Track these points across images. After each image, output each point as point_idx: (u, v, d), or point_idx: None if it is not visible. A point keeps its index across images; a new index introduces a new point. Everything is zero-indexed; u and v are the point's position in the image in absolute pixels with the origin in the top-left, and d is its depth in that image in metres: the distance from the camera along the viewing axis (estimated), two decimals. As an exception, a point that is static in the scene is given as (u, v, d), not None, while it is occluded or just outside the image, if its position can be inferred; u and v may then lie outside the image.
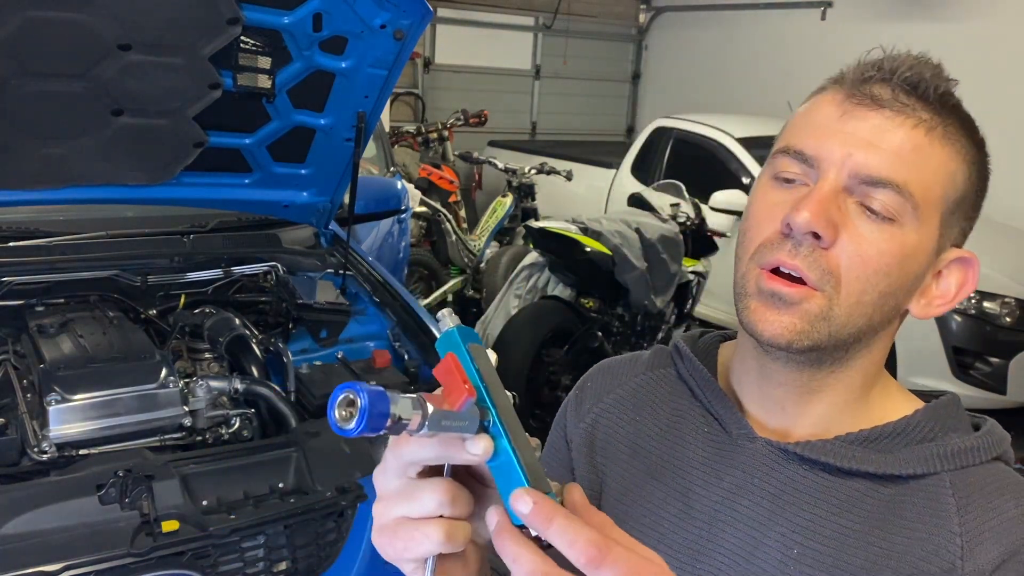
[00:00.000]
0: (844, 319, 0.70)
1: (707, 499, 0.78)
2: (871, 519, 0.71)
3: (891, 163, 0.68)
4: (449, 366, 0.54)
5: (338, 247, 2.74)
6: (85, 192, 2.26)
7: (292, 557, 1.74)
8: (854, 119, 0.70)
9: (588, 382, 0.94)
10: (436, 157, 6.77)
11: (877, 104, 0.70)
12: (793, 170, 0.72)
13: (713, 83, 8.56)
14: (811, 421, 0.77)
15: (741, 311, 0.73)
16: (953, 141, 0.71)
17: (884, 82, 0.70)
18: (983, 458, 0.73)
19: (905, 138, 0.69)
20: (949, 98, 0.71)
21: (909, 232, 0.69)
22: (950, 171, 0.71)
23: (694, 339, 0.89)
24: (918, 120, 0.69)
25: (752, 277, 0.72)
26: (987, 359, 4.37)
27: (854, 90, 0.71)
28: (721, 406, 0.80)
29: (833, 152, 0.70)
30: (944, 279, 0.75)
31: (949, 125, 0.71)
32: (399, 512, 0.55)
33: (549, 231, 3.99)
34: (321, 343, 2.41)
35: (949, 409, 0.77)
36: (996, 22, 6.40)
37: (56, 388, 1.82)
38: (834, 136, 0.70)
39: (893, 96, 0.70)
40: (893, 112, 0.69)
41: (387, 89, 2.30)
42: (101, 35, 1.87)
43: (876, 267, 0.69)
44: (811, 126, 0.73)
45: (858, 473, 0.73)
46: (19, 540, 1.52)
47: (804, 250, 0.69)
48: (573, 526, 0.49)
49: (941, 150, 0.70)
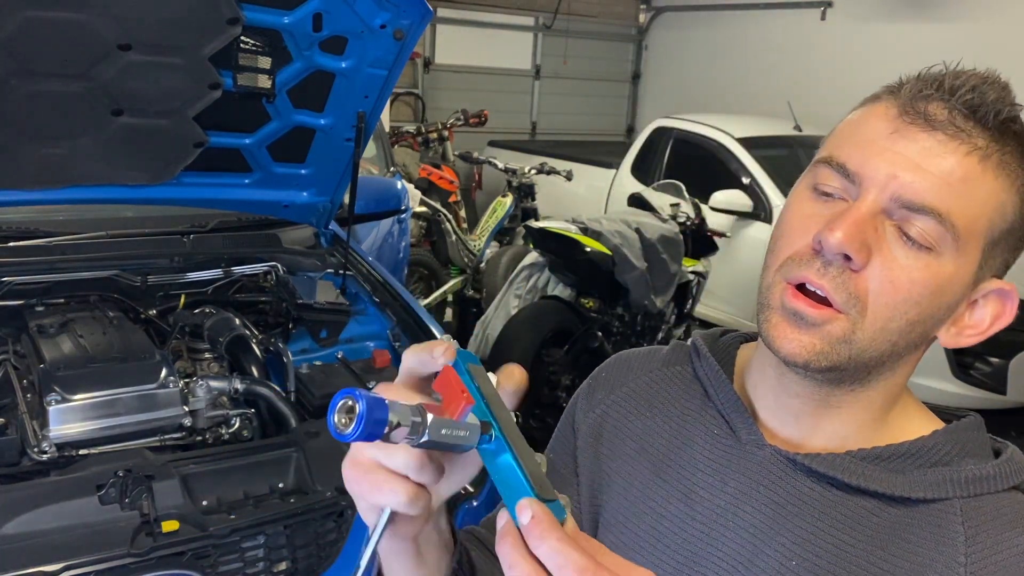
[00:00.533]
0: (866, 344, 0.68)
1: (710, 502, 0.77)
2: (875, 539, 0.70)
3: (936, 190, 0.65)
4: (447, 378, 0.55)
5: (338, 247, 2.74)
6: (85, 192, 2.26)
7: (292, 557, 1.74)
8: (904, 139, 0.67)
9: (603, 372, 0.93)
10: (436, 157, 6.77)
11: (930, 125, 0.66)
12: (833, 183, 0.69)
13: (713, 83, 8.56)
14: (825, 435, 0.75)
15: (762, 323, 0.71)
16: (1009, 171, 0.67)
17: (942, 102, 0.66)
18: (999, 487, 0.70)
19: (956, 165, 0.65)
20: (1011, 124, 0.67)
21: (946, 263, 0.67)
22: (1000, 202, 0.67)
23: (714, 338, 0.88)
24: (972, 147, 0.66)
25: (777, 291, 0.70)
26: (987, 359, 4.37)
27: (909, 107, 0.67)
28: (733, 410, 0.79)
29: (878, 171, 0.67)
30: (979, 309, 0.72)
31: (1007, 153, 0.67)
32: (372, 455, 0.58)
33: (549, 231, 3.99)
34: (321, 343, 2.41)
35: (969, 432, 0.74)
36: (996, 22, 6.40)
37: (56, 388, 1.82)
38: (881, 154, 0.67)
39: (949, 118, 0.66)
40: (946, 136, 0.66)
41: (387, 89, 2.30)
42: (101, 35, 1.87)
43: (907, 295, 0.67)
44: (858, 139, 0.69)
45: (866, 491, 0.71)
46: (19, 540, 1.52)
47: (833, 271, 0.67)
48: (565, 549, 0.49)
49: (994, 181, 0.66)
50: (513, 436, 0.55)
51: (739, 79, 8.25)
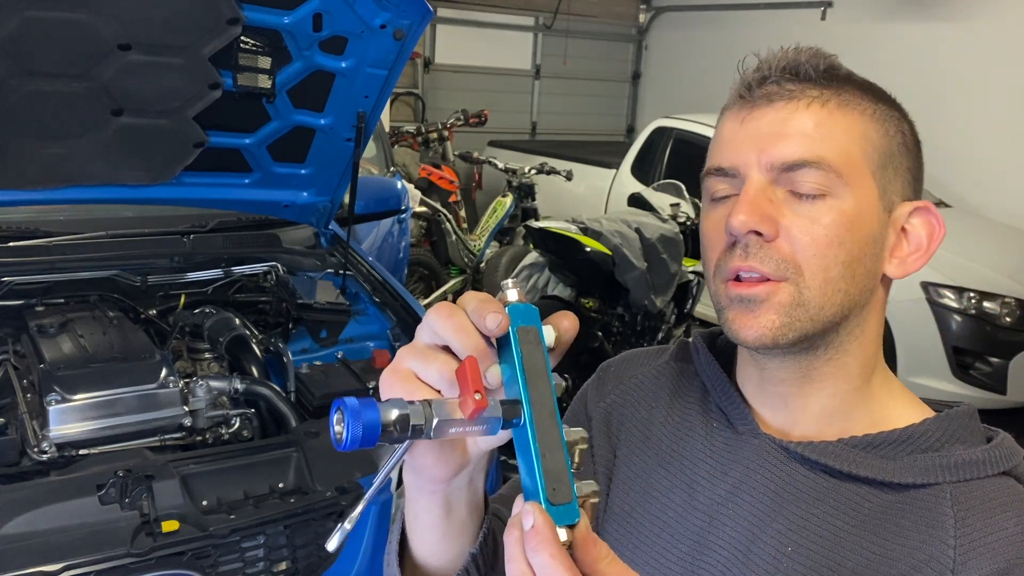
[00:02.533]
0: (819, 299, 0.72)
1: (711, 492, 0.79)
2: (867, 523, 0.72)
3: (800, 144, 0.71)
4: (465, 371, 0.53)
5: (338, 247, 2.74)
6: (85, 192, 2.26)
7: (292, 557, 1.74)
8: (754, 120, 0.74)
9: (612, 366, 0.96)
10: (436, 157, 6.77)
11: (768, 100, 0.74)
12: (722, 187, 0.76)
13: (713, 83, 8.52)
14: (813, 415, 0.78)
15: (723, 324, 0.75)
16: (853, 106, 0.74)
17: (767, 79, 0.74)
18: (989, 472, 0.72)
19: (805, 118, 0.72)
20: (835, 70, 0.75)
21: (845, 199, 0.71)
22: (860, 132, 0.73)
23: (713, 336, 0.90)
24: (810, 99, 0.73)
25: (721, 292, 0.75)
26: (987, 359, 4.37)
27: (745, 95, 0.75)
28: (729, 403, 0.82)
29: (748, 156, 0.73)
30: (911, 233, 0.76)
31: (844, 93, 0.74)
32: (409, 364, 0.59)
33: (549, 231, 3.99)
34: (321, 343, 2.41)
35: (961, 420, 0.76)
36: (996, 22, 6.40)
37: (56, 388, 1.82)
38: (742, 142, 0.74)
39: (779, 89, 0.74)
40: (784, 101, 0.73)
41: (387, 89, 2.30)
42: (101, 35, 1.87)
43: (827, 240, 0.71)
44: (721, 143, 0.77)
45: (858, 477, 0.73)
46: (19, 540, 1.52)
47: (752, 249, 0.72)
48: (555, 566, 0.49)
49: (843, 117, 0.73)
50: (543, 423, 0.53)
51: (739, 79, 8.24)
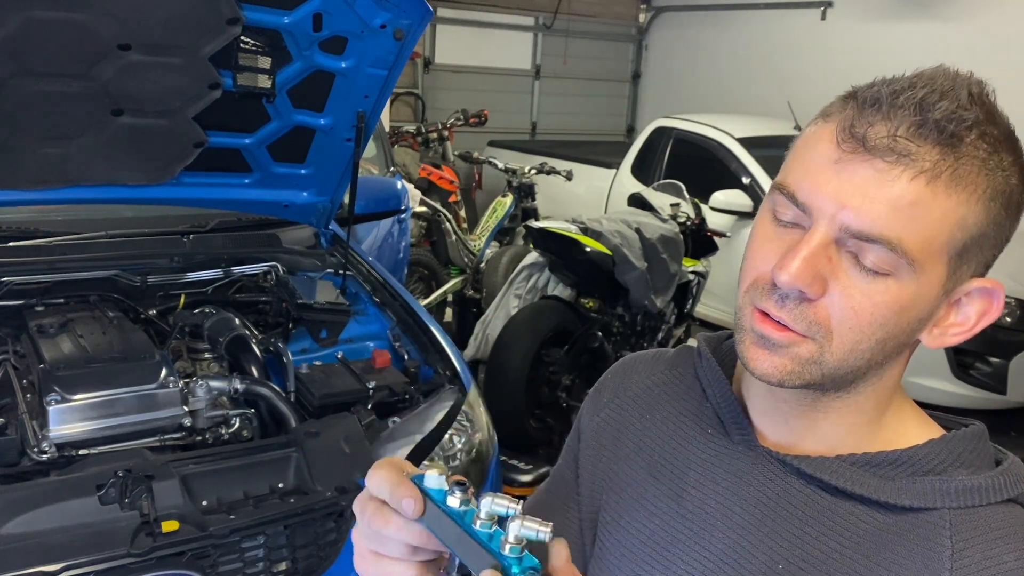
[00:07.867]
0: (837, 364, 0.68)
1: (700, 501, 0.77)
2: (861, 546, 0.69)
3: (885, 218, 0.63)
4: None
5: (338, 247, 2.74)
6: (85, 192, 2.26)
7: (292, 557, 1.74)
8: (849, 170, 0.64)
9: (609, 376, 0.94)
10: (436, 157, 6.76)
11: (871, 153, 0.63)
12: (788, 213, 0.68)
13: (713, 83, 8.56)
14: (816, 438, 0.75)
15: (738, 343, 0.72)
16: (965, 183, 0.63)
17: (884, 125, 0.63)
18: (992, 499, 0.68)
19: (903, 191, 0.63)
20: (964, 134, 0.63)
21: (907, 284, 0.65)
22: (959, 217, 0.64)
23: (718, 340, 0.87)
24: (918, 170, 0.62)
25: (747, 313, 0.70)
26: (987, 359, 4.36)
27: (848, 134, 0.65)
28: (728, 410, 0.79)
29: (825, 204, 0.65)
30: (963, 307, 0.70)
31: (961, 166, 0.63)
32: (368, 547, 0.63)
33: (549, 231, 3.99)
34: (321, 343, 2.40)
35: (968, 442, 0.72)
36: (996, 22, 6.40)
37: (56, 388, 1.82)
38: (827, 184, 0.65)
39: (890, 144, 0.63)
40: (887, 164, 0.63)
41: (387, 89, 2.30)
42: (101, 35, 1.87)
43: (871, 319, 0.66)
44: (807, 166, 0.67)
45: (854, 495, 0.71)
46: (19, 540, 1.52)
47: (790, 304, 0.67)
48: None
49: (947, 199, 0.63)
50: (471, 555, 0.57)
51: (739, 79, 8.24)
